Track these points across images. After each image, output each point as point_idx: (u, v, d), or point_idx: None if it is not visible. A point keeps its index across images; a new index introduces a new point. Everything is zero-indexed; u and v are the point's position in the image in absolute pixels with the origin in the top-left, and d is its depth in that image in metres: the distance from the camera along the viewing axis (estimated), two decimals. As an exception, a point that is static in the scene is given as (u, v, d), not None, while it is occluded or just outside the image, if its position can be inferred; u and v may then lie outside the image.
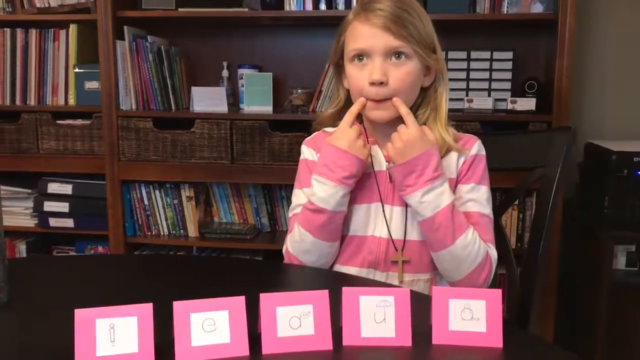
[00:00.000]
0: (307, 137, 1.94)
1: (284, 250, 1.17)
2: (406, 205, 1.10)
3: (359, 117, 1.17)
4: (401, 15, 1.05)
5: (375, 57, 1.06)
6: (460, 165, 1.12)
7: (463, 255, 1.04)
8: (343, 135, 1.08)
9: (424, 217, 1.05)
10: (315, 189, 1.07)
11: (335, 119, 1.20)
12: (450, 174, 1.10)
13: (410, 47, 1.05)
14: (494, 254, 1.09)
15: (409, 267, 1.11)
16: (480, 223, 1.10)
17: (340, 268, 1.14)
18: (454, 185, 1.12)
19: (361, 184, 1.12)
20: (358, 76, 1.08)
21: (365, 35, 1.06)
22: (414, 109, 1.13)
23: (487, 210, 1.12)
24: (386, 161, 1.13)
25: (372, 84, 1.06)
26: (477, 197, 1.11)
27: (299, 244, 1.10)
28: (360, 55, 1.08)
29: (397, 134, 1.06)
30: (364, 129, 1.16)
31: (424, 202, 1.03)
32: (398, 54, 1.06)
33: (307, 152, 1.19)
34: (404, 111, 1.06)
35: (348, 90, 1.17)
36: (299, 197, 1.16)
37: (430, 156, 1.03)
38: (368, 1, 1.09)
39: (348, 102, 1.18)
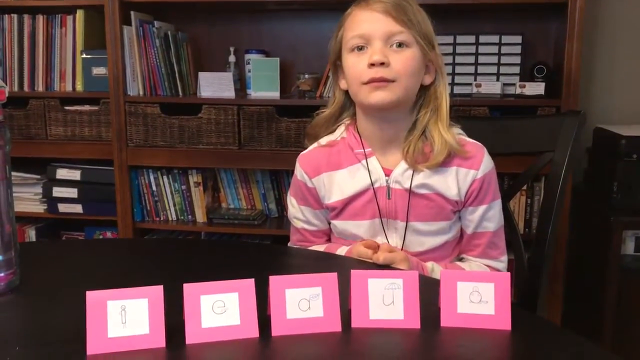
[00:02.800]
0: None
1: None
2: (407, 220, 1.11)
3: (354, 115, 1.17)
4: (401, 3, 1.06)
5: (375, 42, 1.05)
6: (469, 186, 1.10)
7: None
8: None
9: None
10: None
11: (331, 123, 1.19)
12: (447, 190, 1.10)
13: (410, 33, 1.05)
14: (501, 267, 1.15)
15: None
16: (495, 241, 1.13)
17: None
18: (462, 207, 1.12)
19: (362, 200, 1.13)
20: (357, 62, 1.06)
21: (365, 20, 1.06)
22: (415, 109, 1.12)
23: (500, 220, 1.14)
24: (385, 175, 1.11)
25: (372, 65, 1.03)
26: (492, 215, 1.13)
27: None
28: (359, 45, 1.06)
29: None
30: (360, 138, 1.14)
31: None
32: (399, 43, 1.05)
33: (299, 172, 1.19)
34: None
35: (345, 92, 1.15)
36: (295, 207, 1.21)
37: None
38: None
39: (346, 104, 1.18)
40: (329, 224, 1.21)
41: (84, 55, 2.08)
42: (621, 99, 2.14)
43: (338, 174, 1.14)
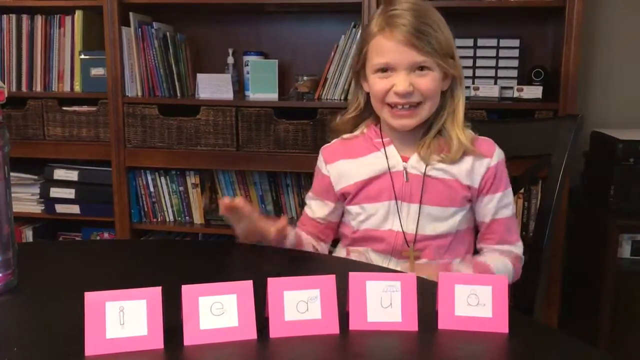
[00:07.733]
0: (312, 124, 1.95)
1: None
2: (421, 202, 1.14)
3: (376, 119, 1.21)
4: (423, 29, 1.08)
5: (400, 71, 1.10)
6: (483, 174, 1.14)
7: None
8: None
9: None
10: None
11: (353, 124, 1.24)
12: (462, 176, 1.14)
13: (433, 60, 1.10)
14: (519, 251, 1.17)
15: (422, 256, 1.16)
16: (511, 227, 1.17)
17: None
18: (476, 195, 1.15)
19: (378, 184, 1.16)
20: (382, 84, 1.12)
21: (390, 50, 1.10)
22: (433, 112, 1.16)
23: (514, 208, 1.19)
24: (403, 161, 1.16)
25: (397, 93, 1.10)
26: (507, 202, 1.17)
27: None
28: (384, 68, 1.12)
29: None
30: (380, 130, 1.20)
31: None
32: (421, 67, 1.10)
33: (320, 161, 1.24)
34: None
35: (367, 94, 1.19)
36: (308, 203, 1.25)
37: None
38: (390, 15, 1.11)
39: (368, 106, 1.21)
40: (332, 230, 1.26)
41: (83, 56, 2.08)
42: (618, 103, 2.14)
43: (355, 161, 1.19)
